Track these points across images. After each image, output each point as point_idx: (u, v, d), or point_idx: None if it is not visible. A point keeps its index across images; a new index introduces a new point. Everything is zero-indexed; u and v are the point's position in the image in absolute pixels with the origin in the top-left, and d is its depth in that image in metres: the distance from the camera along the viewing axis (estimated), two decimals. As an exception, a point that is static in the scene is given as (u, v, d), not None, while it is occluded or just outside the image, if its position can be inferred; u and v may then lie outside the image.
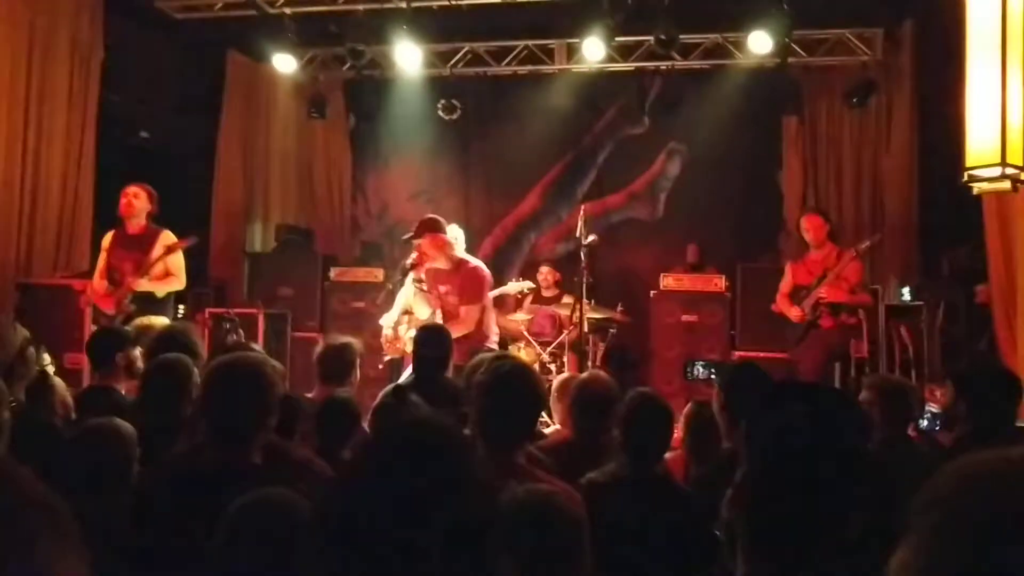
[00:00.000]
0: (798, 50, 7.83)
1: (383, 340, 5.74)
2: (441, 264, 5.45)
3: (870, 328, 6.79)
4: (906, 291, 7.11)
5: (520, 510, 1.71)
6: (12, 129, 6.35)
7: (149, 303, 5.39)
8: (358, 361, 4.22)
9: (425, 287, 5.57)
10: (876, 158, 8.16)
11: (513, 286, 6.78)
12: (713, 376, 3.59)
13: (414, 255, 5.53)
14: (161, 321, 4.74)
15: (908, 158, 7.92)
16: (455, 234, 6.07)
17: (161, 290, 5.53)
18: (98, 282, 5.61)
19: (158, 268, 5.49)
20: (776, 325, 6.50)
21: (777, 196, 8.59)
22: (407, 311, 5.81)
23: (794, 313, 5.99)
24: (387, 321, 5.75)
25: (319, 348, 4.32)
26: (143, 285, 5.44)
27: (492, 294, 6.10)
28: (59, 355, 5.07)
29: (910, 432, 3.75)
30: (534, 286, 7.12)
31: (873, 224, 8.10)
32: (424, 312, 5.78)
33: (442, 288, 5.49)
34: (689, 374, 6.59)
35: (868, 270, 6.82)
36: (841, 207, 8.22)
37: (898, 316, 6.84)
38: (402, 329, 5.78)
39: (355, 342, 4.29)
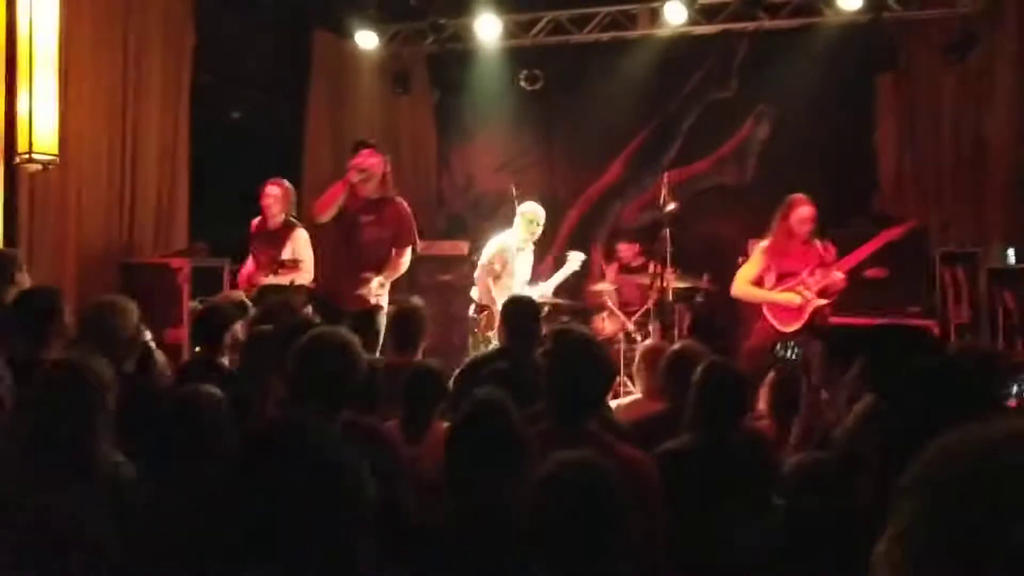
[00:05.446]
0: (891, 3, 7.50)
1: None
2: (371, 189, 5.39)
3: (971, 292, 6.53)
4: (1010, 253, 6.80)
5: (549, 477, 1.74)
6: (111, 116, 6.57)
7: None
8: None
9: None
10: (978, 114, 7.77)
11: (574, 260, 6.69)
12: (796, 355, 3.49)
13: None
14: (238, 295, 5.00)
15: (1013, 112, 7.53)
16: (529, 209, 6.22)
17: (286, 280, 5.70)
18: (250, 263, 6.02)
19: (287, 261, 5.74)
20: (867, 290, 6.29)
21: (871, 158, 8.28)
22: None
23: (791, 298, 5.74)
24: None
25: (392, 312, 4.48)
26: (270, 280, 5.68)
27: (556, 280, 6.46)
28: (159, 330, 5.28)
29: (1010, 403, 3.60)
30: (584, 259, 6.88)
31: (974, 183, 7.75)
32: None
33: (365, 217, 5.41)
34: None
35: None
36: (940, 167, 7.88)
37: (1001, 280, 6.57)
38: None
39: (422, 305, 4.38)
